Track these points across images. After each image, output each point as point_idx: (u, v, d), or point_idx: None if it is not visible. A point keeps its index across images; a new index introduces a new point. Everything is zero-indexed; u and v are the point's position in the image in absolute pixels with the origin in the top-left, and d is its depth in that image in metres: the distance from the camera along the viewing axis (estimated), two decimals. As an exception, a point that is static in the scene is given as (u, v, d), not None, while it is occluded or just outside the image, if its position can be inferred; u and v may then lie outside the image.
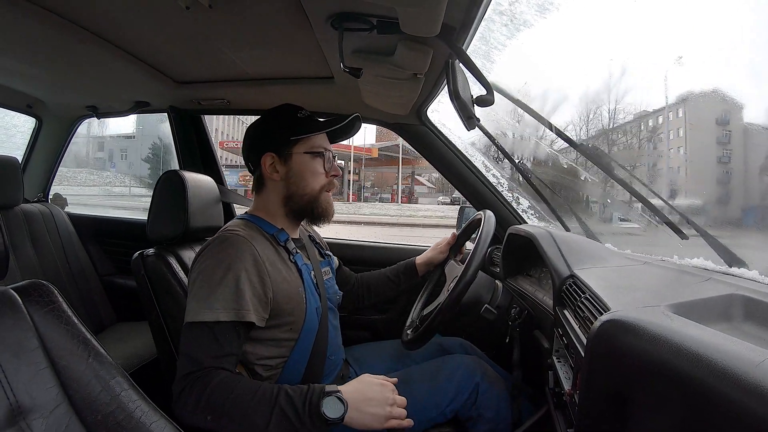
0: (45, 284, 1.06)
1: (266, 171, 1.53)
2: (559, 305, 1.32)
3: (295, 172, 1.54)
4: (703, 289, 1.10)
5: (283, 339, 1.46)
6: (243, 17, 1.38)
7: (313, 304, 1.50)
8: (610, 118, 11.68)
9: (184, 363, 1.26)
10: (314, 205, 1.57)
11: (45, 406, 0.93)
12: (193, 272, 1.39)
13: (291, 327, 1.46)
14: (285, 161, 1.53)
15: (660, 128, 5.24)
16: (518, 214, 2.27)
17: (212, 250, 1.38)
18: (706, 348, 0.67)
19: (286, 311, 1.43)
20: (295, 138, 1.52)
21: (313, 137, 1.56)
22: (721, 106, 3.02)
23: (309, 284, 1.52)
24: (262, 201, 1.60)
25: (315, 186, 1.56)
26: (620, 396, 0.82)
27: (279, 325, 1.43)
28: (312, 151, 1.55)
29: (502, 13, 1.36)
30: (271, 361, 1.45)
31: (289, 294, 1.44)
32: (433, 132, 2.26)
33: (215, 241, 1.41)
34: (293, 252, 1.53)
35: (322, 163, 1.57)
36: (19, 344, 0.95)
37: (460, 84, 1.29)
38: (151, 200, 1.80)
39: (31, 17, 1.41)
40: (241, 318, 1.30)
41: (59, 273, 2.72)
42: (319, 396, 1.21)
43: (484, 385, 1.56)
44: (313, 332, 1.50)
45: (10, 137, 3.12)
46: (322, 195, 1.58)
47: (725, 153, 3.10)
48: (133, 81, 2.09)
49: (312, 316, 1.49)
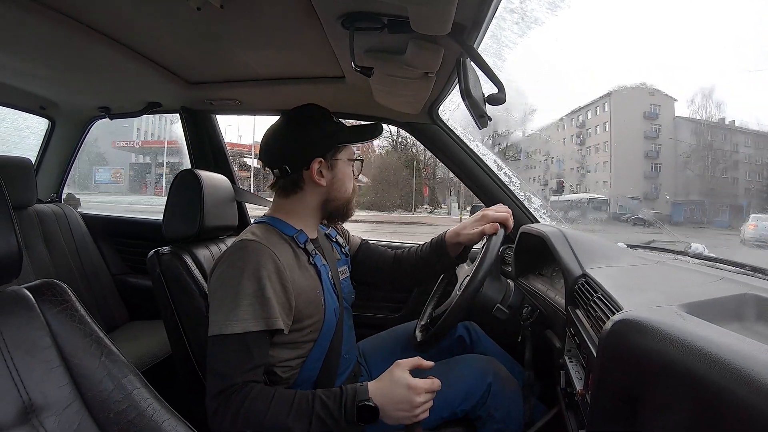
0: (58, 283, 1.07)
1: (313, 175, 1.53)
2: (571, 305, 1.32)
3: (339, 178, 1.57)
4: (716, 289, 1.10)
5: (303, 341, 1.46)
6: (254, 18, 1.38)
7: (331, 305, 1.51)
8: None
9: (216, 380, 1.26)
10: (346, 208, 1.62)
11: (57, 404, 0.94)
12: (213, 281, 1.39)
13: (311, 329, 1.46)
14: (331, 167, 1.55)
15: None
16: (530, 213, 2.26)
17: (232, 258, 1.37)
18: (719, 348, 0.66)
19: (306, 315, 1.44)
20: (342, 145, 1.56)
21: (351, 145, 1.60)
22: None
23: (327, 285, 1.52)
24: (291, 203, 1.58)
25: (350, 190, 1.61)
26: (632, 396, 0.82)
27: (301, 328, 1.44)
28: (353, 158, 1.61)
29: (512, 11, 1.35)
30: (291, 362, 1.46)
31: (309, 297, 1.45)
32: (445, 131, 2.26)
33: (235, 248, 1.39)
34: (312, 253, 1.53)
35: (352, 168, 1.62)
36: (32, 343, 0.95)
37: (472, 82, 1.29)
38: (167, 199, 1.82)
39: (43, 19, 1.42)
40: (271, 326, 1.30)
41: (72, 272, 2.74)
42: (353, 400, 1.23)
43: (496, 385, 1.55)
44: (330, 332, 1.51)
45: (23, 138, 3.14)
46: (353, 198, 1.64)
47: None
48: (145, 82, 2.10)
49: (330, 316, 1.50)
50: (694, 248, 1.57)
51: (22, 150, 3.18)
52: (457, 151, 2.29)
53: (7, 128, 3.12)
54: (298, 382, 1.49)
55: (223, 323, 1.28)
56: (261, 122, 8.17)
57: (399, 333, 1.97)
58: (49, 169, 3.12)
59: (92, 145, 27.70)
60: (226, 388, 1.24)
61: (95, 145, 29.44)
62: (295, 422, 1.20)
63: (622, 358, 0.82)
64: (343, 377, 1.61)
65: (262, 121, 16.07)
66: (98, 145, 30.13)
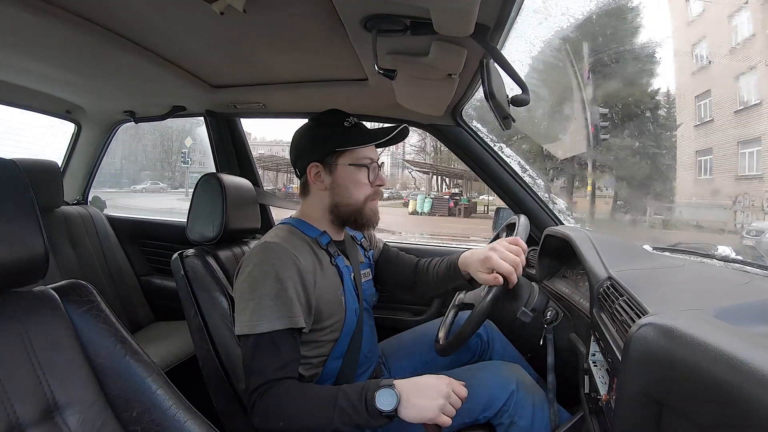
0: (84, 284, 1.08)
1: (311, 180, 1.55)
2: (596, 308, 1.30)
3: (340, 183, 1.54)
4: (744, 292, 1.08)
5: (324, 340, 1.49)
6: (277, 22, 1.39)
7: (352, 306, 1.53)
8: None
9: (251, 378, 1.31)
10: (357, 215, 1.57)
11: (81, 402, 0.96)
12: (238, 283, 1.42)
13: (332, 329, 1.48)
14: (330, 172, 1.54)
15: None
16: (555, 215, 2.25)
17: (256, 259, 1.39)
18: (747, 354, 0.65)
19: (327, 315, 1.46)
20: (339, 150, 1.53)
21: (359, 149, 1.55)
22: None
23: (349, 286, 1.54)
24: (307, 206, 1.62)
25: (359, 197, 1.56)
26: (657, 401, 0.80)
27: (321, 328, 1.46)
28: (357, 163, 1.55)
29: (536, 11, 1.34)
30: (314, 360, 1.48)
31: (330, 298, 1.47)
32: (469, 133, 2.25)
33: (258, 250, 1.42)
34: (334, 255, 1.54)
35: (367, 174, 1.56)
36: (57, 342, 0.97)
37: (495, 84, 1.28)
38: (191, 202, 1.84)
39: (69, 26, 1.44)
40: (294, 325, 1.33)
41: (98, 273, 2.78)
42: (374, 390, 1.22)
43: (519, 393, 1.53)
44: (351, 332, 1.53)
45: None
46: (367, 205, 1.58)
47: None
48: (169, 86, 2.12)
49: (351, 316, 1.52)
50: (721, 251, 1.55)
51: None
52: (481, 153, 2.27)
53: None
54: (320, 381, 1.51)
55: (249, 323, 1.32)
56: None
57: (419, 334, 1.96)
58: (75, 172, 3.17)
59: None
60: (260, 385, 1.28)
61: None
62: (320, 415, 1.23)
63: (647, 363, 0.81)
64: (365, 376, 1.63)
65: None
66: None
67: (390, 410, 1.20)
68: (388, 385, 1.23)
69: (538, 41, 5.43)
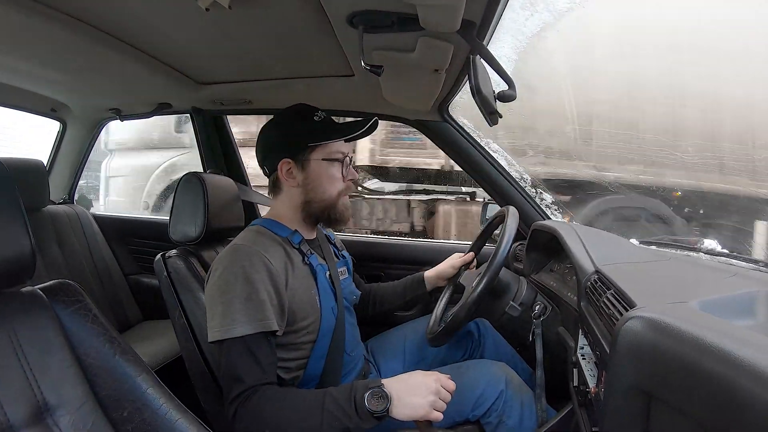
0: (71, 284, 1.08)
1: (282, 177, 1.53)
2: (584, 301, 1.31)
3: (313, 178, 1.53)
4: (729, 285, 1.09)
5: (301, 342, 1.47)
6: (263, 18, 1.38)
7: (328, 304, 1.52)
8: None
9: (230, 385, 1.28)
10: (331, 211, 1.57)
11: (71, 403, 0.95)
12: (207, 288, 1.41)
13: (308, 330, 1.47)
14: (302, 168, 1.53)
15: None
16: (542, 210, 2.26)
17: (225, 262, 1.38)
18: (732, 345, 0.66)
19: (301, 316, 1.44)
20: (312, 144, 1.52)
21: (331, 143, 1.54)
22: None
23: (323, 284, 1.53)
24: (278, 205, 1.61)
25: (332, 192, 1.56)
26: (646, 393, 0.81)
27: (297, 330, 1.44)
28: (330, 158, 1.54)
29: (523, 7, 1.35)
30: (291, 363, 1.46)
31: (304, 298, 1.46)
32: (456, 128, 2.25)
33: (227, 253, 1.41)
34: (307, 253, 1.53)
35: (340, 169, 1.56)
36: (46, 342, 0.96)
37: (482, 79, 1.28)
38: (172, 202, 1.83)
39: (53, 23, 1.42)
40: (267, 328, 1.31)
41: (85, 273, 2.76)
42: (363, 392, 1.21)
43: (508, 392, 1.54)
44: (330, 332, 1.51)
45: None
46: (340, 200, 1.58)
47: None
48: (155, 83, 2.11)
49: (328, 315, 1.51)
50: (707, 244, 1.56)
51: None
52: (467, 149, 2.28)
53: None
54: (302, 383, 1.50)
55: (220, 328, 1.30)
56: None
57: (408, 331, 1.96)
58: (61, 171, 3.14)
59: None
60: (241, 393, 1.26)
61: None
62: (307, 420, 1.21)
63: (635, 355, 0.82)
64: (352, 376, 1.62)
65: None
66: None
67: (381, 411, 1.19)
68: (377, 385, 1.23)
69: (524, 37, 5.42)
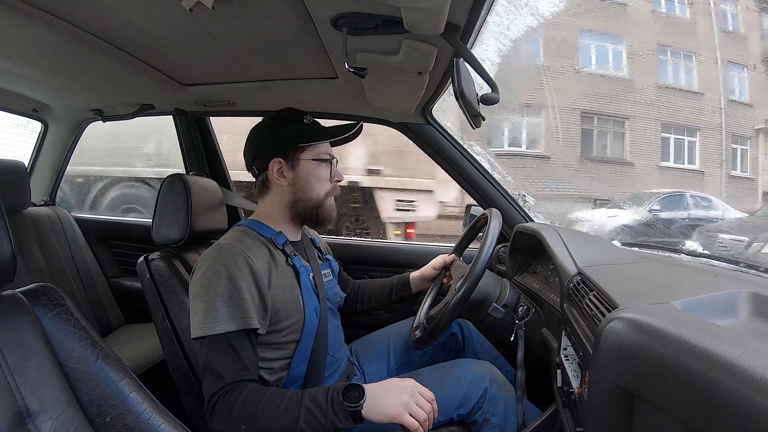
0: (52, 287, 1.06)
1: (273, 176, 1.56)
2: (567, 303, 1.32)
3: (303, 178, 1.58)
4: (711, 285, 1.10)
5: (285, 342, 1.48)
6: (246, 19, 1.38)
7: (311, 305, 1.53)
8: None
9: (209, 382, 1.29)
10: (318, 210, 1.61)
11: (53, 408, 0.94)
12: (191, 286, 1.42)
13: (291, 330, 1.48)
14: (292, 167, 1.57)
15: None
16: (525, 212, 2.27)
17: (209, 260, 1.40)
18: (715, 345, 0.66)
19: (284, 316, 1.46)
20: (303, 145, 1.56)
21: (319, 144, 1.60)
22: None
23: (306, 285, 1.55)
24: (265, 205, 1.63)
25: (320, 192, 1.60)
26: (629, 393, 0.82)
27: (279, 329, 1.46)
28: (319, 158, 1.59)
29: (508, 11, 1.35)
30: (275, 363, 1.47)
31: (287, 298, 1.47)
32: (439, 131, 2.26)
33: (211, 251, 1.43)
34: (291, 254, 1.55)
35: (328, 170, 1.62)
36: (27, 347, 0.95)
37: (465, 82, 1.29)
38: (155, 204, 1.82)
39: (35, 23, 1.41)
40: (248, 326, 1.33)
41: (66, 276, 2.73)
42: (340, 389, 1.23)
43: (492, 391, 1.56)
44: (313, 333, 1.53)
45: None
46: (327, 200, 1.62)
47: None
48: (138, 84, 2.09)
49: (311, 316, 1.52)
50: (689, 245, 1.58)
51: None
52: (450, 151, 2.29)
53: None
54: (286, 385, 1.51)
55: (202, 324, 1.31)
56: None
57: (392, 334, 1.97)
58: (43, 172, 3.10)
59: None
60: (219, 389, 1.27)
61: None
62: (284, 416, 1.22)
63: (618, 356, 0.83)
64: (335, 378, 1.62)
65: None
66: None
67: (354, 405, 1.20)
68: (355, 384, 1.24)
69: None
